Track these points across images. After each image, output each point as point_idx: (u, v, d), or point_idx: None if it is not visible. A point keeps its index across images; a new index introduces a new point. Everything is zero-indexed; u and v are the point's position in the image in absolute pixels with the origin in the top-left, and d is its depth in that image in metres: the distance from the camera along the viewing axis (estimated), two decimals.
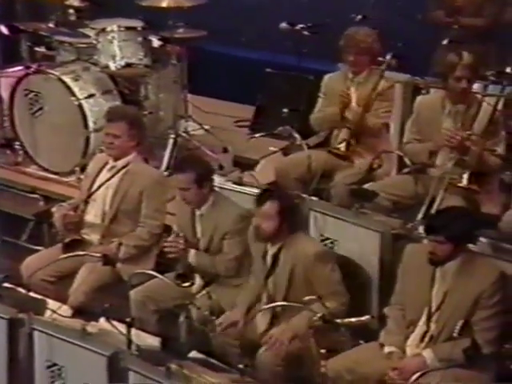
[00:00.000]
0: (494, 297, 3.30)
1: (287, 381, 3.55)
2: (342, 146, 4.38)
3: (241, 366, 3.37)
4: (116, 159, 4.23)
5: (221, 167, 4.99)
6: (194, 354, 3.63)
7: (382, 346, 3.44)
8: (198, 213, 3.98)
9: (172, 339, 3.72)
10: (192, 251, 3.92)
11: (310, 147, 4.66)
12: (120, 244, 4.10)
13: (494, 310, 3.30)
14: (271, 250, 3.75)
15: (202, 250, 3.96)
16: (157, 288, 3.89)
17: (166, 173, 5.02)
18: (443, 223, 3.33)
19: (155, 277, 3.81)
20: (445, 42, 4.55)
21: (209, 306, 3.85)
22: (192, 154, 4.46)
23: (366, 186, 4.20)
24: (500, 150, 3.92)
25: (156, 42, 5.17)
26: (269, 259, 3.75)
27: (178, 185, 3.95)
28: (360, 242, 3.84)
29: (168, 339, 3.67)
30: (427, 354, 3.35)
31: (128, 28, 5.11)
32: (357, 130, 4.40)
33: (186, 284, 3.87)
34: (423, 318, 3.40)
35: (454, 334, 3.17)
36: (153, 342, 3.54)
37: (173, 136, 5.16)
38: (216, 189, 4.05)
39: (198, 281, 3.99)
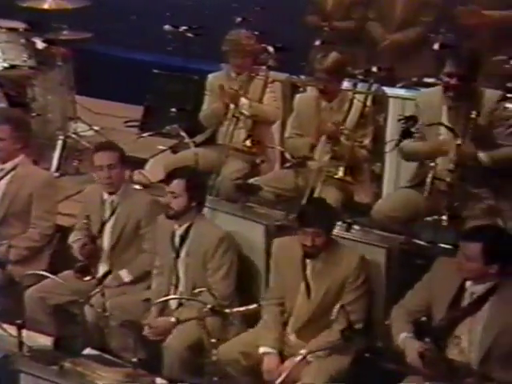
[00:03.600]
0: (358, 279, 3.54)
1: (189, 369, 3.64)
2: (248, 142, 4.50)
3: (134, 359, 3.47)
4: (3, 162, 4.24)
5: None
6: (88, 350, 3.71)
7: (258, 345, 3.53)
8: (109, 199, 4.06)
9: (66, 337, 3.78)
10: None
11: (197, 145, 4.80)
12: (10, 246, 4.12)
13: (359, 292, 3.55)
14: (179, 231, 3.84)
15: (114, 239, 4.03)
16: (52, 286, 3.93)
17: (56, 174, 5.05)
18: (318, 215, 3.54)
19: (49, 277, 3.86)
20: (317, 42, 4.81)
21: (102, 303, 3.90)
22: (111, 140, 4.49)
23: (250, 180, 4.39)
24: (366, 142, 4.18)
25: (40, 44, 5.17)
26: (177, 240, 3.84)
27: (102, 162, 4.00)
28: (246, 234, 4.01)
29: (62, 338, 3.71)
30: (303, 352, 3.45)
31: (10, 29, 5.11)
32: (254, 122, 4.55)
33: (87, 278, 3.94)
34: (299, 308, 3.58)
35: (332, 317, 3.35)
36: (45, 341, 3.58)
37: (62, 137, 5.19)
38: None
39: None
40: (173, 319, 3.71)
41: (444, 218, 3.51)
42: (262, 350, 3.55)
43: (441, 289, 3.28)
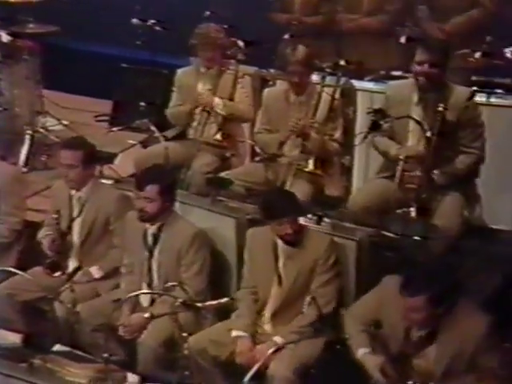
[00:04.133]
0: (328, 261, 3.55)
1: (164, 365, 3.62)
2: (218, 136, 4.49)
3: (106, 355, 3.44)
4: None
5: None
6: (58, 347, 3.68)
7: (230, 330, 3.57)
8: (76, 195, 4.04)
9: (36, 334, 3.74)
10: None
11: (167, 139, 4.78)
12: None
13: (330, 275, 3.56)
14: (151, 230, 3.83)
15: (84, 234, 4.02)
16: (21, 282, 3.88)
17: (24, 169, 5.00)
18: (287, 203, 3.54)
19: (17, 273, 3.81)
20: (286, 36, 4.82)
21: (72, 298, 3.88)
22: (79, 136, 4.45)
23: (221, 174, 4.39)
24: (337, 135, 4.20)
25: (5, 37, 5.08)
26: (150, 239, 3.83)
27: (64, 161, 3.98)
28: (217, 228, 4.00)
29: (31, 335, 3.68)
30: (278, 339, 3.51)
31: None
32: (226, 119, 4.53)
33: (57, 274, 3.91)
34: (274, 296, 3.61)
35: (304, 310, 3.38)
36: (14, 339, 3.55)
37: (29, 132, 5.13)
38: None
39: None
40: (147, 315, 3.69)
41: (412, 209, 3.54)
42: (234, 333, 3.57)
43: (390, 313, 3.22)
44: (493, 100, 4.10)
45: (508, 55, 4.02)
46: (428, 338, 3.16)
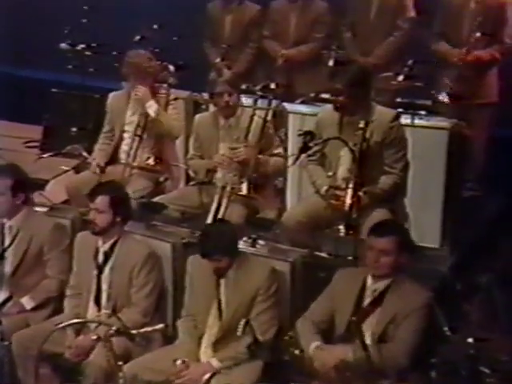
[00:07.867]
0: (269, 290, 3.56)
1: None
2: (151, 160, 4.51)
3: None
4: None
5: None
6: None
7: (175, 361, 3.51)
8: (7, 224, 3.95)
9: None
10: None
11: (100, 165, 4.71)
12: None
13: (270, 303, 3.56)
14: (103, 248, 3.79)
15: (15, 264, 3.92)
16: None
17: None
18: (216, 245, 3.51)
19: None
20: (217, 60, 4.87)
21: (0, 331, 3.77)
22: (12, 163, 4.34)
23: (155, 198, 4.37)
24: (279, 150, 4.25)
25: None
26: (101, 257, 3.79)
27: None
28: None
29: None
30: (213, 361, 3.52)
31: None
32: (157, 141, 4.55)
33: None
34: (211, 325, 3.59)
35: (238, 333, 3.35)
36: None
37: None
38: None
39: None
40: (94, 336, 3.59)
41: (341, 228, 3.59)
42: (179, 362, 3.52)
43: (343, 296, 3.39)
44: (416, 121, 4.20)
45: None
46: (377, 301, 3.33)
